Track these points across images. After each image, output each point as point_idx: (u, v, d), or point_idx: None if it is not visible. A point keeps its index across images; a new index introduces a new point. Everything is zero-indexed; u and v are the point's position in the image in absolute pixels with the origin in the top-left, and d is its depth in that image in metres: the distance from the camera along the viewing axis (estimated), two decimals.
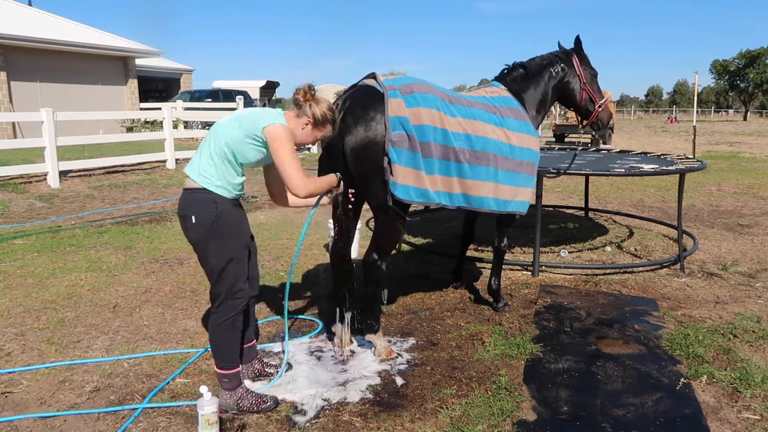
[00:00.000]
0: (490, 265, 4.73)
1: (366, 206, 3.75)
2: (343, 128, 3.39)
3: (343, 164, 3.43)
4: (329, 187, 3.13)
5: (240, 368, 3.04)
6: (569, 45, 4.64)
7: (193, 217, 2.84)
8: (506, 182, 3.92)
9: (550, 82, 4.45)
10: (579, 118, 4.78)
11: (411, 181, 3.42)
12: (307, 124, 2.99)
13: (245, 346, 3.25)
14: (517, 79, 4.35)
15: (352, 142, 3.37)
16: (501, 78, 4.40)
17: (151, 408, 3.03)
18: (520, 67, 4.39)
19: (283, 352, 3.57)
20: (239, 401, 2.96)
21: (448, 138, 3.55)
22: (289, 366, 3.46)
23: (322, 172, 3.56)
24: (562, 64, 4.49)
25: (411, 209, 3.65)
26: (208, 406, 2.68)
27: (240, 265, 2.93)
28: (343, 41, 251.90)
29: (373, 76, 3.59)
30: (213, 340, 2.97)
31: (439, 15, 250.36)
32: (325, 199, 3.28)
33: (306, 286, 4.98)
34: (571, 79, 4.53)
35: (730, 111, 76.61)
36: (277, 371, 3.38)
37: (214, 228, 2.83)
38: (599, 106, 4.62)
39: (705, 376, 3.38)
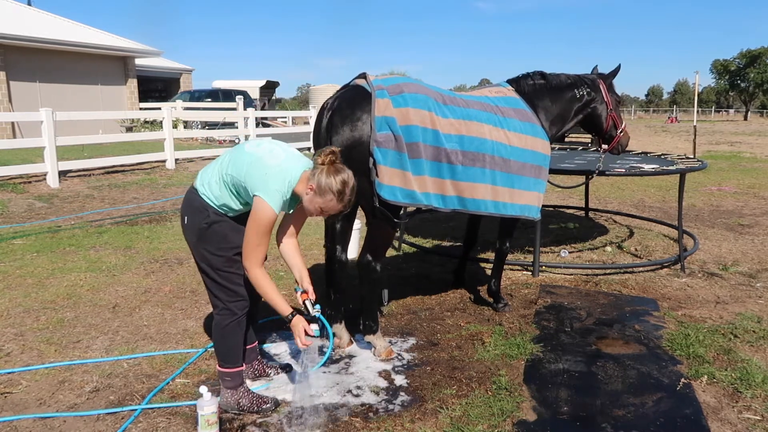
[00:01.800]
0: (490, 265, 4.72)
1: None
2: (330, 128, 3.38)
3: None
4: (276, 307, 2.76)
5: (243, 367, 3.04)
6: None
7: (186, 218, 2.87)
8: (505, 184, 3.83)
9: (573, 103, 4.37)
10: (600, 142, 4.75)
11: (397, 182, 3.37)
12: (310, 190, 2.72)
13: (247, 347, 3.24)
14: (535, 85, 4.27)
15: (339, 142, 3.35)
16: (515, 80, 4.32)
17: (151, 408, 3.02)
18: (540, 75, 4.32)
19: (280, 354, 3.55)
20: (240, 400, 2.96)
21: (439, 139, 3.49)
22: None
23: None
24: (588, 89, 4.42)
25: (409, 210, 3.63)
26: (207, 406, 2.68)
27: (236, 270, 2.88)
28: (343, 41, 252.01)
29: (363, 76, 3.55)
30: (217, 341, 2.95)
31: (439, 15, 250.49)
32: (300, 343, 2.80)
33: None
34: (599, 105, 4.47)
35: (731, 111, 76.55)
36: (278, 372, 3.37)
37: (204, 235, 2.83)
38: (620, 131, 4.60)
39: (705, 377, 3.37)
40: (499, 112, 3.91)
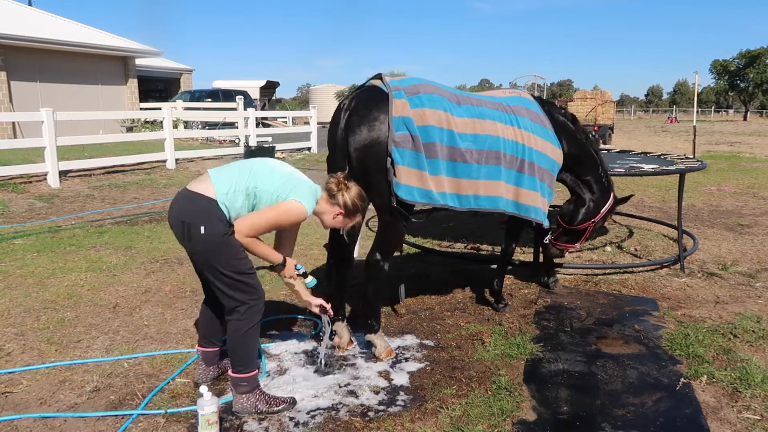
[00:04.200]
0: (484, 264, 4.73)
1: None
2: (347, 128, 3.41)
3: (343, 164, 3.44)
4: (270, 260, 3.03)
5: (258, 371, 3.02)
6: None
7: (202, 228, 2.78)
8: (516, 183, 3.83)
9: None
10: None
11: (414, 182, 3.41)
12: (339, 214, 3.05)
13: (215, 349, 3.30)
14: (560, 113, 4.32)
15: (356, 142, 3.38)
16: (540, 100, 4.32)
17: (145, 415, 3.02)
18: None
19: (275, 355, 3.55)
20: (257, 403, 2.95)
21: (455, 139, 3.53)
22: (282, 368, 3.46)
23: (329, 171, 3.58)
24: None
25: (417, 209, 3.65)
26: (208, 406, 2.68)
27: (253, 269, 2.94)
28: (343, 41, 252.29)
29: (379, 76, 3.60)
30: (237, 346, 2.92)
31: (439, 15, 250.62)
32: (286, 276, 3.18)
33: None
34: None
35: (730, 111, 76.51)
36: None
37: (227, 242, 2.82)
38: None
39: (705, 376, 3.38)
40: (510, 110, 3.93)
